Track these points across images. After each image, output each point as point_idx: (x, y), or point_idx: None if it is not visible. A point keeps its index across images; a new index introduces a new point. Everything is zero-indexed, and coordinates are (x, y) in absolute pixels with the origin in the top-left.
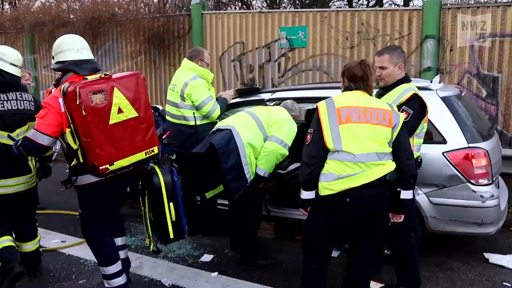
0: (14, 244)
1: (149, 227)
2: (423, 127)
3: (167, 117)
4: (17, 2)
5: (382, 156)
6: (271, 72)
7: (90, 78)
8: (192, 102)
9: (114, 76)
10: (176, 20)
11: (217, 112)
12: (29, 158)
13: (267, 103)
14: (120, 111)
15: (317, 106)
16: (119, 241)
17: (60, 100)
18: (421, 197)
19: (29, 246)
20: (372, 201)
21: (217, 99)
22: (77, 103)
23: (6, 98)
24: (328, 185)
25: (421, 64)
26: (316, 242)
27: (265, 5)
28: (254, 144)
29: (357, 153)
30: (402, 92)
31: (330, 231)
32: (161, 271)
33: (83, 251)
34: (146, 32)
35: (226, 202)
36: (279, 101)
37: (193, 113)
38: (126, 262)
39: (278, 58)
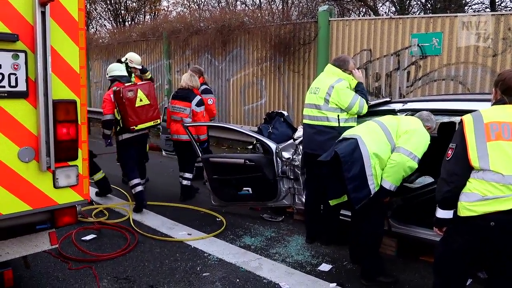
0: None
1: None
2: None
3: (306, 121)
4: (156, 12)
5: None
6: (399, 81)
7: (126, 84)
8: (337, 104)
9: (138, 83)
10: (302, 27)
11: (365, 106)
12: None
13: (398, 113)
14: (140, 100)
15: (461, 120)
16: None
17: (111, 95)
18: None
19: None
20: None
21: (356, 91)
22: (121, 95)
23: None
24: (470, 206)
25: None
26: (450, 267)
27: (392, 11)
28: (380, 154)
29: (507, 174)
30: None
31: (467, 257)
32: (279, 274)
33: (207, 246)
34: (272, 39)
35: (349, 213)
36: (410, 113)
37: (338, 115)
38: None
39: (407, 66)
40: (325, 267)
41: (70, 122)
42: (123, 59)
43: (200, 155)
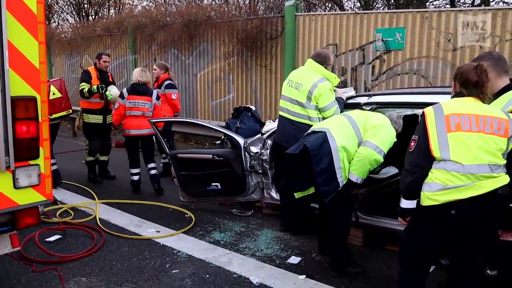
0: None
1: None
2: None
3: (284, 114)
4: (121, 6)
5: (495, 168)
6: (364, 75)
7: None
8: (316, 103)
9: (50, 80)
10: (269, 22)
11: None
12: None
13: (363, 107)
14: (53, 94)
15: (423, 112)
16: (151, 165)
17: None
18: None
19: None
20: (481, 216)
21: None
22: None
23: None
24: (432, 195)
25: None
26: (414, 254)
27: (358, 6)
28: (348, 148)
29: (467, 164)
30: (509, 101)
31: (430, 244)
32: (249, 268)
33: (176, 242)
34: (239, 33)
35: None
36: (375, 106)
37: (317, 113)
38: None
39: (372, 60)
40: (294, 259)
41: (30, 120)
42: None
43: (168, 151)
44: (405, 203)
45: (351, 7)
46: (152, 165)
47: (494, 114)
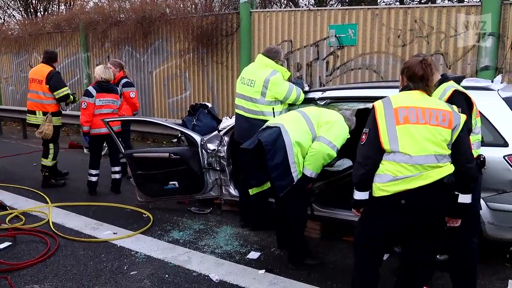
0: None
1: None
2: (475, 122)
3: (239, 111)
4: (71, 2)
5: (441, 158)
6: (319, 70)
7: None
8: (275, 96)
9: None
10: (224, 18)
11: (302, 95)
12: None
13: (318, 102)
14: None
15: (373, 106)
16: (116, 169)
17: None
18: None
19: None
20: (429, 204)
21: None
22: None
23: None
24: (383, 186)
25: (478, 63)
26: (368, 245)
27: (312, 3)
28: (302, 143)
29: (414, 155)
30: (442, 92)
31: (383, 233)
32: (208, 266)
33: (134, 243)
34: (194, 30)
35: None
36: (329, 100)
37: (272, 108)
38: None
39: (326, 56)
40: (253, 255)
41: None
42: None
43: (123, 151)
44: (358, 195)
45: (305, 4)
46: (117, 168)
47: (439, 106)
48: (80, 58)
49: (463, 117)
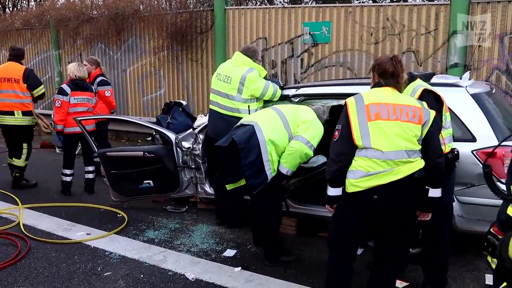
0: None
1: None
2: (445, 117)
3: (214, 107)
4: None
5: (411, 154)
6: (293, 68)
7: None
8: (252, 94)
9: None
10: (198, 15)
11: (278, 91)
12: None
13: (292, 99)
14: None
15: (345, 102)
16: (89, 168)
17: None
18: None
19: None
20: (400, 199)
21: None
22: None
23: None
24: (356, 182)
25: (448, 60)
26: (342, 240)
27: (286, 0)
28: (276, 141)
29: (386, 150)
30: (412, 92)
31: (357, 229)
32: (184, 265)
33: (108, 244)
34: (169, 27)
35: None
36: (303, 97)
37: (248, 106)
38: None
39: (301, 54)
40: (229, 252)
41: None
42: None
43: (96, 150)
44: (332, 191)
45: (280, 1)
46: (90, 168)
47: (409, 102)
48: (51, 56)
49: (433, 113)
